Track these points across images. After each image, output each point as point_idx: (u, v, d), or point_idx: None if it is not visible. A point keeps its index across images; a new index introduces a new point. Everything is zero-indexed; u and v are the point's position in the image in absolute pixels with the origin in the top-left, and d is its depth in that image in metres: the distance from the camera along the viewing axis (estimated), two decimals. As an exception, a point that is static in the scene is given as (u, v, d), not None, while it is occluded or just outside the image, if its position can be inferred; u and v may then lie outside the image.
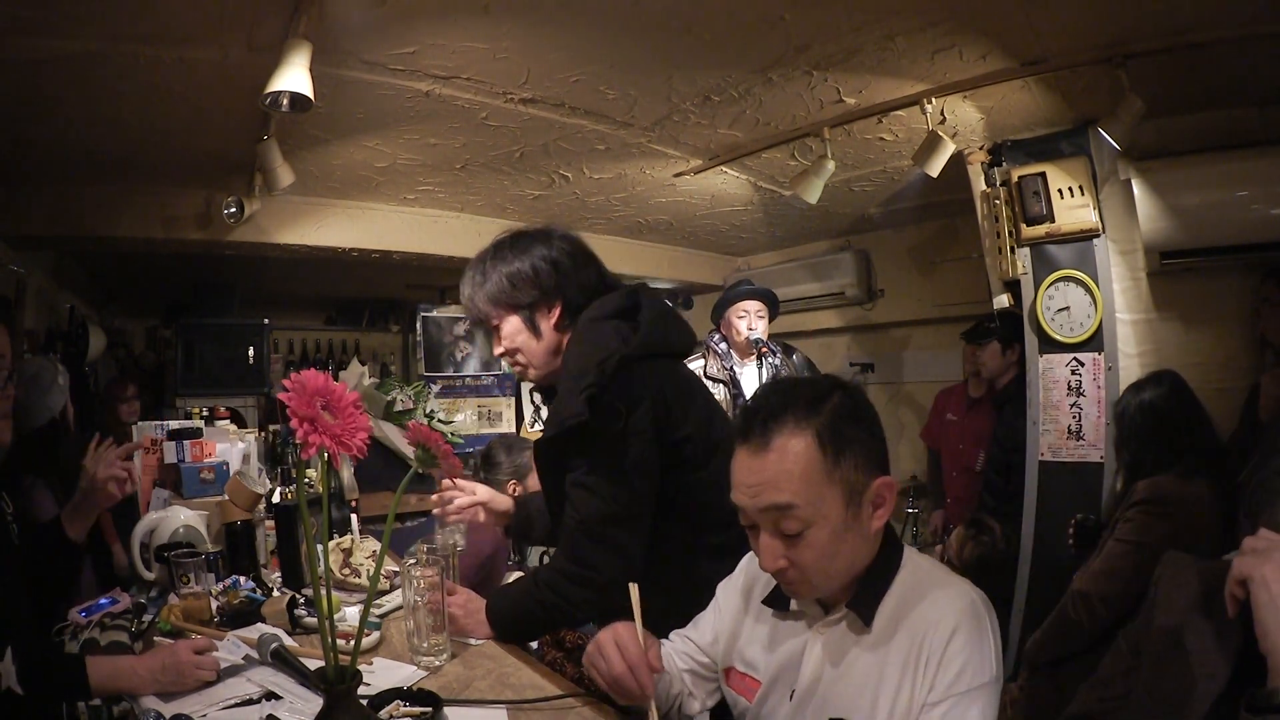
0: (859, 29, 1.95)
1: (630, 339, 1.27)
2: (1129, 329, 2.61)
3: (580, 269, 1.39)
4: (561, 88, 2.26)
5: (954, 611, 0.87)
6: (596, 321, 1.32)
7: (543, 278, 1.36)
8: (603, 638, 1.02)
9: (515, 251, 1.38)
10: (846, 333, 4.46)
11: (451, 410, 4.38)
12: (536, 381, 1.46)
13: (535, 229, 1.43)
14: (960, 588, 0.91)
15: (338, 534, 1.87)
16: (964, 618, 0.87)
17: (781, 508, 0.89)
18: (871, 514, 0.92)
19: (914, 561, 0.97)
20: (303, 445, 0.72)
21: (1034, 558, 2.66)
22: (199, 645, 1.18)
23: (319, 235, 3.30)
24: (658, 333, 1.31)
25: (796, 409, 0.91)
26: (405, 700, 1.01)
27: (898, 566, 0.95)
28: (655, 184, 3.20)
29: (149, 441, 2.22)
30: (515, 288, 1.36)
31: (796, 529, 0.89)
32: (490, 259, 1.40)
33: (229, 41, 1.87)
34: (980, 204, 2.81)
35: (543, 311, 1.37)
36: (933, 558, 1.04)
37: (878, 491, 0.92)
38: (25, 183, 2.79)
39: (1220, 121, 2.41)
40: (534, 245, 1.38)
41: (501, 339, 1.41)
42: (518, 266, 1.36)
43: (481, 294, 1.39)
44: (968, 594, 0.90)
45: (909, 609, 0.90)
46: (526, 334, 1.38)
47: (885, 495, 0.93)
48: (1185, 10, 1.85)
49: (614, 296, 1.37)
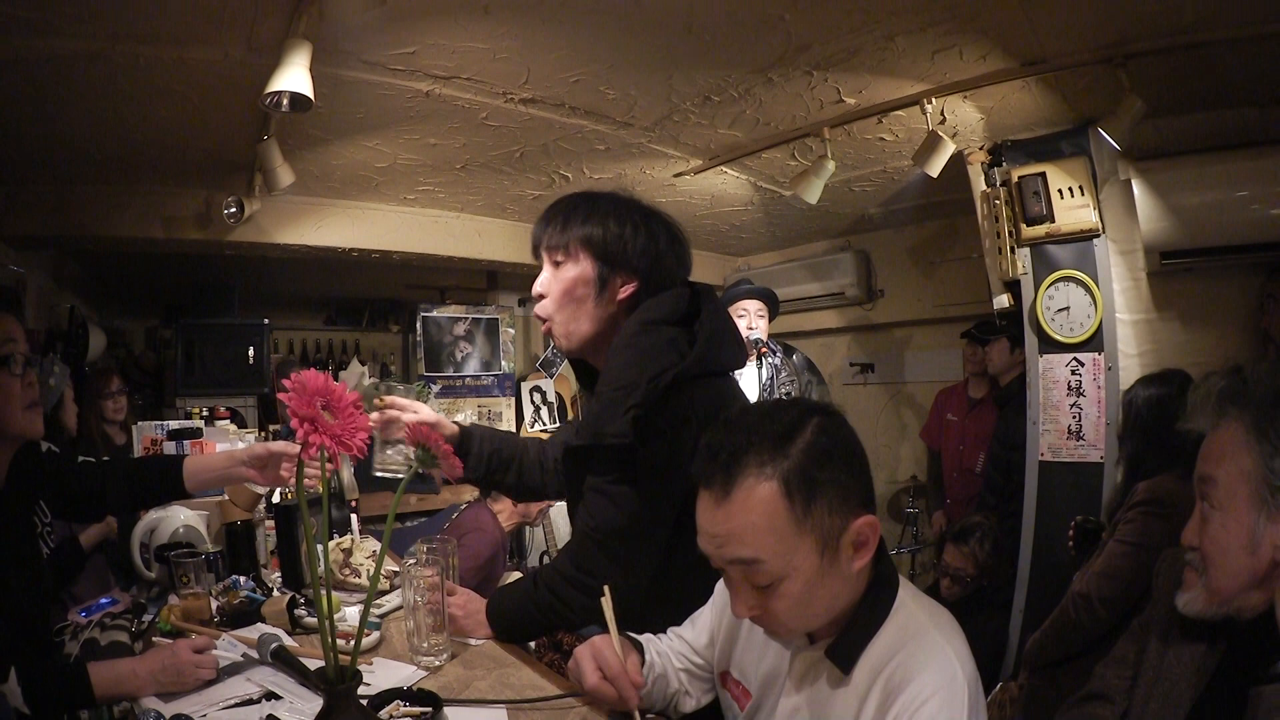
0: (859, 29, 1.95)
1: (686, 353, 1.17)
2: (1129, 329, 2.61)
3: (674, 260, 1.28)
4: (561, 88, 2.26)
5: (932, 682, 0.79)
6: (652, 326, 1.20)
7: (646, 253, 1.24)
8: (579, 652, 1.02)
9: (639, 215, 1.26)
10: (846, 333, 4.46)
11: (451, 410, 4.38)
12: (561, 344, 1.32)
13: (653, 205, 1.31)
14: (946, 657, 0.81)
15: (338, 534, 1.87)
16: (941, 692, 0.79)
17: (747, 562, 0.83)
18: (852, 555, 0.84)
19: (907, 610, 0.87)
20: (303, 445, 0.72)
21: (1034, 558, 2.66)
22: (198, 644, 1.18)
23: (319, 235, 3.30)
24: (713, 348, 1.20)
25: (761, 449, 0.82)
26: (405, 700, 1.00)
27: (886, 613, 0.86)
28: (655, 184, 3.20)
29: (149, 441, 2.22)
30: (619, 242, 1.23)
31: (767, 581, 0.83)
32: (610, 202, 1.26)
33: (229, 41, 1.87)
34: (980, 204, 2.81)
35: (619, 279, 1.24)
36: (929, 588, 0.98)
37: (858, 532, 0.84)
38: (25, 183, 2.79)
39: (1220, 121, 2.41)
40: (656, 223, 1.27)
41: (556, 277, 1.26)
42: (634, 229, 1.24)
43: (578, 219, 1.24)
44: (951, 667, 0.81)
45: (889, 664, 0.83)
46: (589, 289, 1.24)
47: (868, 535, 0.84)
48: (1185, 10, 1.85)
49: (673, 297, 1.24)
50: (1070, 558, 2.20)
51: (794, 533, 0.81)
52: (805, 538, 0.82)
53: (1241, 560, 0.86)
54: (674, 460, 1.14)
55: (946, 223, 3.74)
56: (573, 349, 1.31)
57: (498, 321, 4.64)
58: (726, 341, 1.25)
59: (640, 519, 1.19)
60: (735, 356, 1.29)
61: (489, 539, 2.64)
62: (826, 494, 0.82)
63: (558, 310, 1.27)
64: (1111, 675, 1.11)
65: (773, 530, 0.81)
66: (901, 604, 0.87)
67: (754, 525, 0.81)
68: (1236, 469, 0.88)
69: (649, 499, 1.18)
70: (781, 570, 0.82)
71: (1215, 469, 0.92)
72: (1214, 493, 0.91)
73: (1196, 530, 0.94)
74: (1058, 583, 2.14)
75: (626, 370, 1.17)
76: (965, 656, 0.83)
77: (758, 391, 2.97)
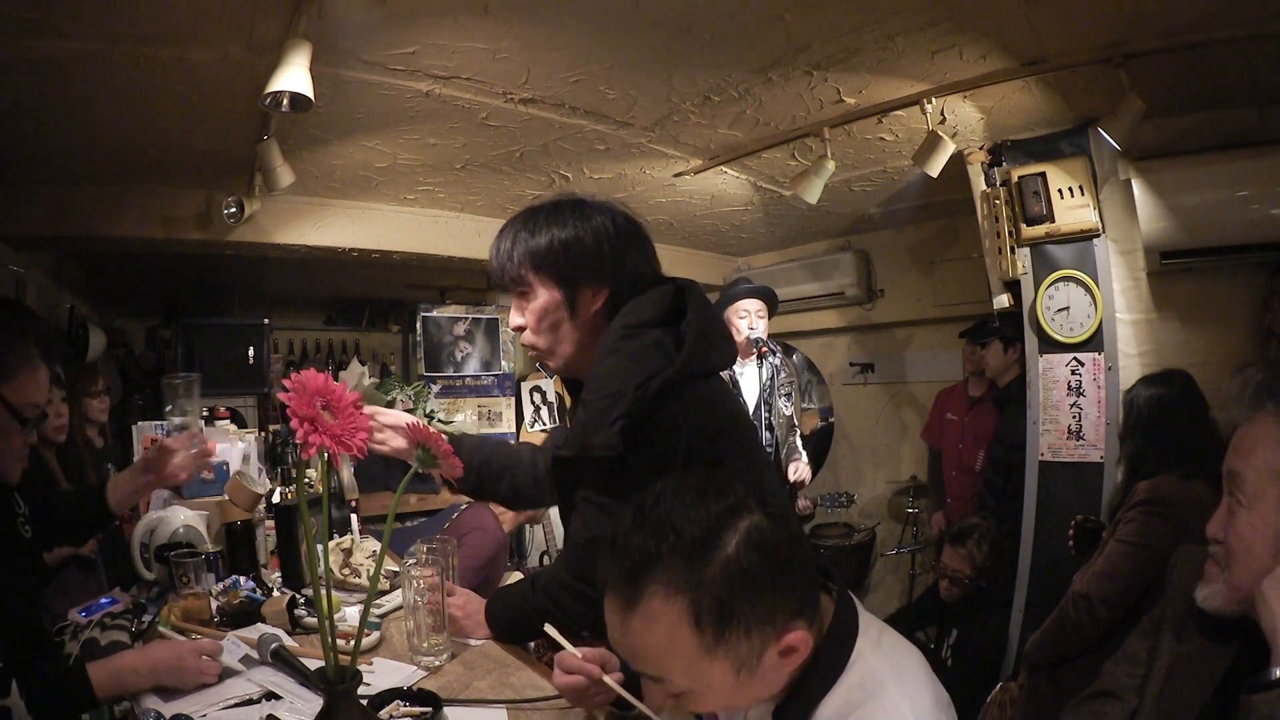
0: (859, 29, 1.95)
1: (674, 355, 1.13)
2: (1129, 329, 2.61)
3: (637, 255, 1.23)
4: (561, 88, 2.26)
5: None
6: (636, 330, 1.16)
7: (601, 254, 1.19)
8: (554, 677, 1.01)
9: (576, 216, 1.21)
10: (846, 333, 4.45)
11: (451, 410, 4.38)
12: (554, 369, 1.30)
13: (597, 199, 1.26)
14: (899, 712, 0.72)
15: (338, 534, 1.87)
16: None
17: (654, 679, 0.76)
18: (778, 662, 0.75)
19: (865, 665, 0.77)
20: (303, 445, 0.72)
21: (1034, 558, 2.66)
22: (206, 648, 1.18)
23: (319, 235, 3.30)
24: (701, 349, 1.15)
25: (672, 564, 0.71)
26: (405, 700, 1.01)
27: (840, 671, 0.77)
28: (655, 184, 3.20)
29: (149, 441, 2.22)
30: (568, 257, 1.18)
31: (680, 690, 0.76)
32: (545, 216, 1.22)
33: (229, 41, 1.87)
34: (980, 204, 2.81)
35: (588, 294, 1.20)
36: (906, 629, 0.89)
37: (787, 645, 0.75)
38: (25, 183, 2.79)
39: (1220, 121, 2.41)
40: (596, 214, 1.22)
41: (528, 310, 1.22)
42: (577, 234, 1.19)
43: (523, 249, 1.20)
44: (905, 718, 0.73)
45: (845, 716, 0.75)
46: (562, 314, 1.21)
47: (797, 645, 0.75)
48: (1185, 10, 1.85)
49: (656, 297, 1.20)
50: (1070, 558, 2.20)
51: (703, 658, 0.73)
52: (717, 662, 0.73)
53: (1265, 560, 0.85)
54: (667, 468, 1.10)
55: (946, 223, 3.74)
56: (567, 372, 1.30)
57: (498, 321, 4.64)
58: (715, 341, 1.20)
59: None
60: (725, 355, 1.25)
61: (490, 539, 2.64)
62: (744, 621, 0.72)
63: (538, 339, 1.25)
64: (1121, 673, 1.10)
65: (677, 656, 0.73)
66: (859, 657, 0.78)
67: (657, 646, 0.73)
68: (1266, 466, 0.87)
69: None
70: (691, 687, 0.75)
71: (1244, 465, 0.89)
72: (1242, 488, 0.89)
73: (1222, 523, 0.91)
74: (1058, 583, 2.14)
75: (610, 378, 1.13)
76: (927, 709, 0.74)
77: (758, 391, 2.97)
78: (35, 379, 1.23)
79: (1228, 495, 0.91)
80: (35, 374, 1.23)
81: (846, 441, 4.47)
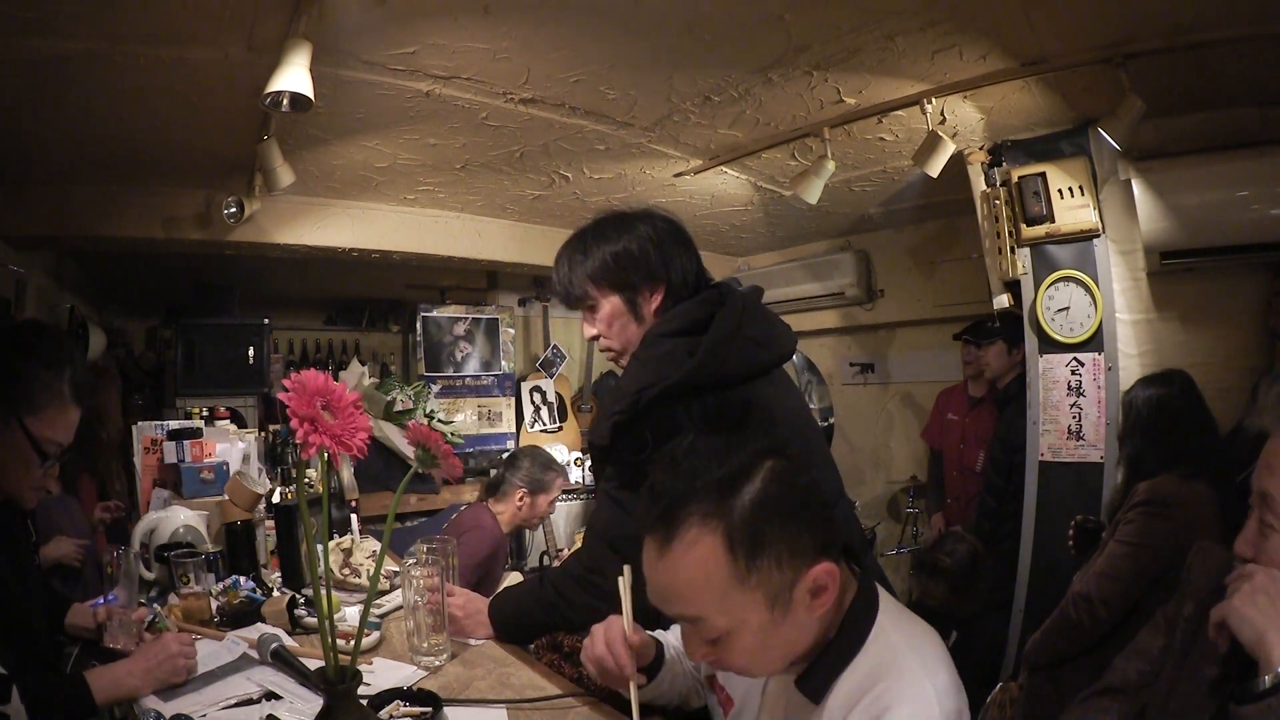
0: (859, 29, 1.95)
1: (683, 364, 1.20)
2: (1129, 329, 2.60)
3: (683, 253, 1.35)
4: (561, 88, 2.26)
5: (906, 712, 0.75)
6: (657, 339, 1.27)
7: (650, 258, 1.31)
8: (594, 626, 1.02)
9: (620, 229, 1.34)
10: (846, 333, 4.45)
11: (451, 410, 4.38)
12: None
13: (636, 209, 1.39)
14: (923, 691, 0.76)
15: (338, 534, 1.87)
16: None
17: (691, 619, 0.80)
18: (810, 602, 0.80)
19: (886, 640, 0.82)
20: (303, 445, 0.72)
21: (1034, 558, 2.66)
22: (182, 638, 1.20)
23: (319, 235, 3.30)
24: (714, 361, 1.20)
25: (705, 499, 0.78)
26: (405, 700, 1.01)
27: (861, 644, 0.82)
28: (655, 184, 3.19)
29: (149, 441, 2.22)
30: (621, 267, 1.31)
31: (715, 636, 0.80)
32: (592, 236, 1.35)
33: (229, 41, 1.87)
34: (980, 204, 2.81)
35: (645, 294, 1.33)
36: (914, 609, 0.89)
37: (814, 580, 0.80)
38: (25, 183, 2.79)
39: (1220, 121, 2.41)
40: (638, 224, 1.34)
41: (597, 320, 1.36)
42: (625, 245, 1.32)
43: (581, 271, 1.34)
44: (928, 703, 0.76)
45: (863, 699, 0.78)
46: (627, 316, 1.33)
47: (826, 581, 0.80)
48: (1185, 10, 1.85)
49: (692, 306, 1.30)
50: (1070, 558, 2.20)
51: (738, 589, 0.77)
52: (751, 593, 0.78)
53: None
54: None
55: (946, 223, 3.74)
56: None
57: (498, 321, 4.64)
58: (733, 352, 1.23)
59: None
60: (751, 364, 1.26)
61: (488, 537, 2.64)
62: (774, 548, 0.77)
63: (613, 341, 1.36)
64: (1131, 669, 1.09)
65: (713, 587, 0.77)
66: (880, 631, 0.83)
67: (693, 581, 0.78)
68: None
69: None
70: (728, 626, 0.79)
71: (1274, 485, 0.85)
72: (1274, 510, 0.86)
73: (1252, 542, 0.88)
74: (1058, 583, 2.14)
75: (628, 379, 1.24)
76: (945, 689, 0.78)
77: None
78: (64, 418, 1.23)
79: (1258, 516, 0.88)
80: (64, 412, 1.22)
81: (846, 442, 4.47)
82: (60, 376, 1.21)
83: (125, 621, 1.33)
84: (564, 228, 4.01)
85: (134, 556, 1.46)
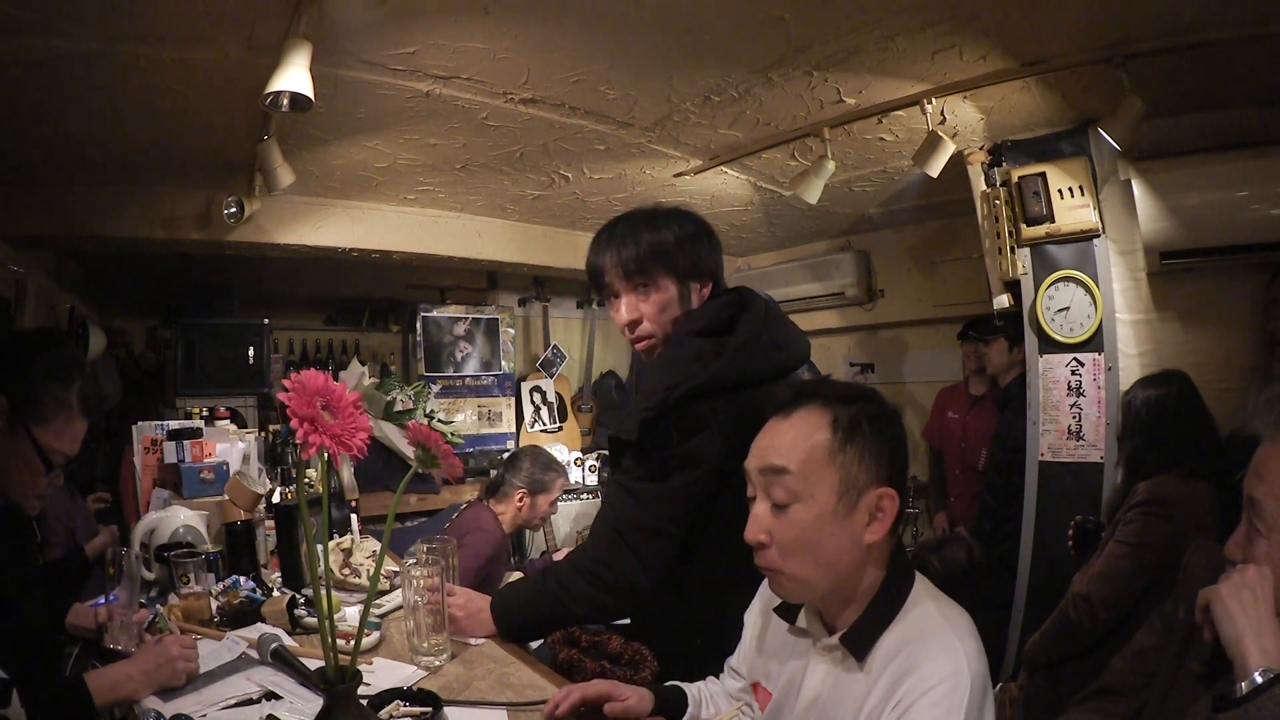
0: (859, 29, 1.95)
1: (710, 364, 1.22)
2: (1129, 329, 2.60)
3: (719, 254, 1.38)
4: (561, 88, 2.26)
5: (939, 671, 0.82)
6: (684, 339, 1.28)
7: (700, 252, 1.33)
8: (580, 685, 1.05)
9: (685, 219, 1.36)
10: (846, 333, 4.45)
11: (451, 410, 4.38)
12: None
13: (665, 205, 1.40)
14: (955, 652, 0.84)
15: (338, 534, 1.87)
16: (947, 681, 0.82)
17: (776, 469, 0.91)
18: (866, 522, 0.90)
19: (923, 608, 0.91)
20: (303, 445, 0.72)
21: (1034, 558, 2.66)
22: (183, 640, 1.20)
23: (319, 235, 3.30)
24: (740, 361, 1.24)
25: (830, 393, 0.95)
26: (405, 700, 1.00)
27: (900, 607, 0.91)
28: (655, 184, 3.20)
29: (149, 441, 2.22)
30: (682, 251, 1.31)
31: (784, 499, 0.90)
32: (664, 216, 1.35)
33: (229, 41, 1.87)
34: (980, 204, 2.81)
35: (697, 288, 1.34)
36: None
37: (879, 498, 0.90)
38: (25, 183, 2.79)
39: (1220, 121, 2.41)
40: (685, 219, 1.36)
41: (647, 304, 1.32)
42: (693, 231, 1.34)
43: (647, 246, 1.30)
44: (959, 662, 0.83)
45: (900, 653, 0.86)
46: (677, 306, 1.32)
47: (886, 507, 0.91)
48: (1185, 10, 1.85)
49: (716, 307, 1.31)
50: (1070, 558, 2.20)
51: (824, 460, 0.90)
52: (831, 470, 0.89)
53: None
54: (687, 465, 1.21)
55: (946, 223, 3.74)
56: None
57: (498, 321, 4.63)
58: (759, 353, 1.27)
59: (657, 512, 1.23)
60: (772, 366, 1.29)
61: (490, 538, 2.64)
62: (863, 444, 0.90)
63: (660, 329, 1.34)
64: (1128, 670, 1.09)
65: (808, 448, 0.90)
66: (917, 599, 0.92)
67: (794, 440, 0.92)
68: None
69: (669, 495, 1.23)
70: (800, 490, 0.90)
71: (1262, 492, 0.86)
72: (1261, 516, 0.86)
73: (1241, 545, 0.89)
74: (1058, 583, 2.13)
75: (655, 376, 1.27)
76: (975, 656, 0.85)
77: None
78: (71, 429, 1.24)
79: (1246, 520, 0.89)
80: (71, 424, 1.24)
81: (846, 441, 4.46)
82: (69, 389, 1.23)
83: (126, 622, 1.33)
84: (564, 228, 4.04)
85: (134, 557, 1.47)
